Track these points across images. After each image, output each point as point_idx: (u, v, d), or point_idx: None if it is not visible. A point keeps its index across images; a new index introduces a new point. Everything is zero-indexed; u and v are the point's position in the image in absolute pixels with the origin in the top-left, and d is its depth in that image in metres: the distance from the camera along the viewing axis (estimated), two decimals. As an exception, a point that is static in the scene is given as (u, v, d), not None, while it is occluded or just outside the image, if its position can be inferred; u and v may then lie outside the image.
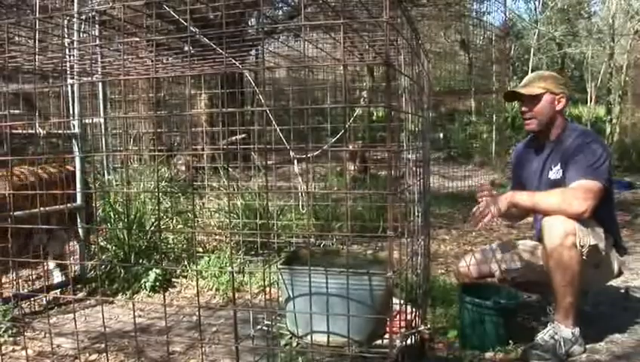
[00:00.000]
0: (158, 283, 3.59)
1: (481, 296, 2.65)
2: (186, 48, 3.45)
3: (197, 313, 3.14)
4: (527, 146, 3.03)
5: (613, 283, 3.06)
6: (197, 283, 2.06)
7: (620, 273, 2.79)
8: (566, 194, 2.52)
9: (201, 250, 4.25)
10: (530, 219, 3.16)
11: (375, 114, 14.81)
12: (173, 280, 3.76)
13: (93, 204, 3.84)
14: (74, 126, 3.63)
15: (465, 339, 2.61)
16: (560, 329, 2.47)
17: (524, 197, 2.63)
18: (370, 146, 8.33)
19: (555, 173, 2.74)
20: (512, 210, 2.82)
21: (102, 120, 4.65)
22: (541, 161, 2.85)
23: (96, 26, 3.56)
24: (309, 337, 1.89)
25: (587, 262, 2.43)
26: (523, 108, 2.81)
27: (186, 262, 3.95)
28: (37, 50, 2.80)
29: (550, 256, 2.45)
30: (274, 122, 3.66)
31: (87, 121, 3.92)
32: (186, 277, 3.80)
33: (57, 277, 3.63)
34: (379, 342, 1.96)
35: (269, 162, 5.21)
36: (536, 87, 2.75)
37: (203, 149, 5.85)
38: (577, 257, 2.40)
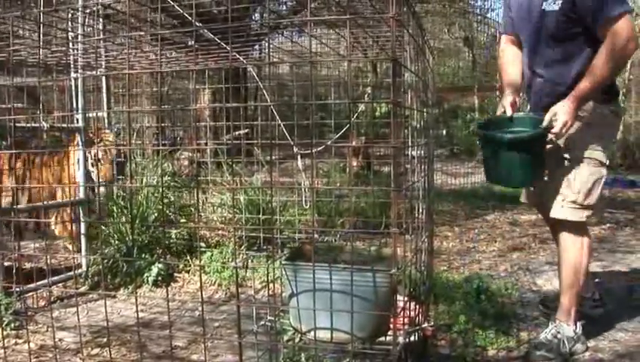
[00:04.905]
0: (160, 278, 3.59)
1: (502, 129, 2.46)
2: (191, 43, 3.45)
3: (199, 308, 3.15)
4: None
5: (617, 282, 3.04)
6: (200, 278, 2.05)
7: None
8: (607, 47, 2.24)
9: (203, 244, 4.24)
10: None
11: (378, 110, 14.77)
12: (176, 275, 3.76)
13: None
14: (77, 120, 3.63)
15: (490, 178, 2.52)
16: (562, 328, 2.48)
17: (583, 91, 2.31)
18: (373, 142, 8.29)
19: (550, 3, 2.39)
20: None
21: (105, 114, 4.63)
22: None
23: (101, 19, 3.55)
24: (312, 333, 1.88)
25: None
26: None
27: (188, 257, 3.94)
28: (41, 43, 2.79)
29: (562, 255, 2.52)
30: (277, 117, 3.66)
31: (90, 114, 3.91)
32: (188, 272, 3.80)
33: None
34: (382, 338, 1.96)
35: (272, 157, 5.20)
36: None
37: (206, 144, 5.84)
38: (586, 250, 2.49)
